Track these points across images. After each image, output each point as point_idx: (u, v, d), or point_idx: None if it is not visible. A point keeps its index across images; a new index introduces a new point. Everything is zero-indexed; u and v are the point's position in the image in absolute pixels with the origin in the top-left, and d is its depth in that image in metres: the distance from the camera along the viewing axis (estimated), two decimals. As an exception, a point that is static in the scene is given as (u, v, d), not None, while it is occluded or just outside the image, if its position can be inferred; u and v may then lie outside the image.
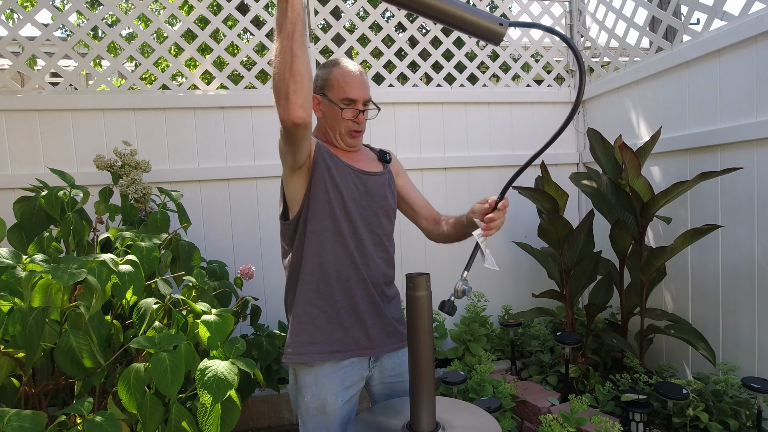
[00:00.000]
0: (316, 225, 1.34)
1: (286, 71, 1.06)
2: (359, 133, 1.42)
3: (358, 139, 1.44)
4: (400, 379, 1.47)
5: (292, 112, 1.08)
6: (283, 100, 1.08)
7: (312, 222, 1.34)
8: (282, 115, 1.10)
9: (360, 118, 1.40)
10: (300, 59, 1.06)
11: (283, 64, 1.06)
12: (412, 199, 1.56)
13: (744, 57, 1.95)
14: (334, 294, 1.36)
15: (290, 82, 1.06)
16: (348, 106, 1.37)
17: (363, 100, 1.39)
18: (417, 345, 1.11)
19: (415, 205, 1.56)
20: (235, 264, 2.56)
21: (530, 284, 2.99)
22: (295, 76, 1.06)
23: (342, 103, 1.36)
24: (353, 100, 1.37)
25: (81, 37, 2.45)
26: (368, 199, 1.41)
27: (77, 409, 1.08)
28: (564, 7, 3.07)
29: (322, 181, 1.34)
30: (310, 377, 1.35)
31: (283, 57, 1.06)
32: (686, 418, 1.86)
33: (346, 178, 1.37)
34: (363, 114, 1.40)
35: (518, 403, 2.23)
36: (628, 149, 2.10)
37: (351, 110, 1.38)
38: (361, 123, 1.41)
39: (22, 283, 1.17)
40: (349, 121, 1.39)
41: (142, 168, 2.00)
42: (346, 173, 1.38)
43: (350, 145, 1.43)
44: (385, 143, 2.79)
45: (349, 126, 1.39)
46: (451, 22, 0.99)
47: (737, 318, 2.05)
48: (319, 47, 2.74)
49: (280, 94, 1.08)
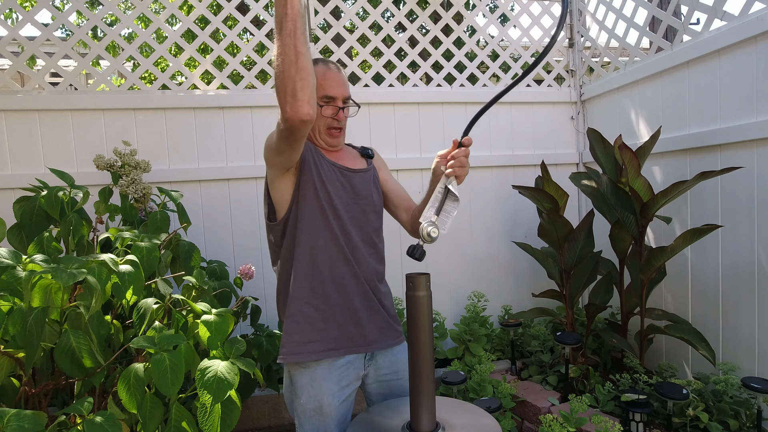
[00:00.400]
0: (306, 223, 1.34)
1: (291, 68, 1.05)
2: (339, 131, 1.42)
3: (339, 138, 1.43)
4: (395, 377, 1.46)
5: (300, 109, 1.08)
6: (290, 98, 1.07)
7: (302, 220, 1.34)
8: (289, 113, 1.09)
9: (340, 116, 1.40)
10: (304, 56, 1.06)
11: (288, 62, 1.05)
12: (392, 191, 1.55)
13: (744, 57, 1.95)
14: (327, 291, 1.36)
15: (297, 79, 1.06)
16: (327, 104, 1.38)
17: (342, 97, 1.39)
18: (417, 345, 1.11)
19: (395, 197, 1.55)
20: (235, 264, 2.56)
21: (530, 284, 2.99)
22: (302, 73, 1.06)
23: (321, 101, 1.36)
24: (332, 97, 1.37)
25: (81, 37, 2.45)
26: (355, 197, 1.41)
27: (77, 409, 1.08)
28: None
29: (311, 180, 1.34)
30: (306, 378, 1.34)
31: (287, 55, 1.05)
32: (686, 418, 1.85)
33: (332, 176, 1.38)
34: (343, 111, 1.40)
35: (518, 403, 2.23)
36: (628, 149, 2.10)
37: (330, 107, 1.38)
38: (340, 120, 1.41)
39: (22, 283, 1.17)
40: (328, 118, 1.39)
41: (142, 168, 2.00)
42: (331, 172, 1.38)
43: (331, 144, 1.43)
44: (386, 143, 2.80)
45: (328, 123, 1.39)
46: None
47: (737, 318, 2.05)
48: (319, 47, 2.74)
49: (286, 92, 1.07)
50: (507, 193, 2.86)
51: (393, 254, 2.78)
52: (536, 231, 2.55)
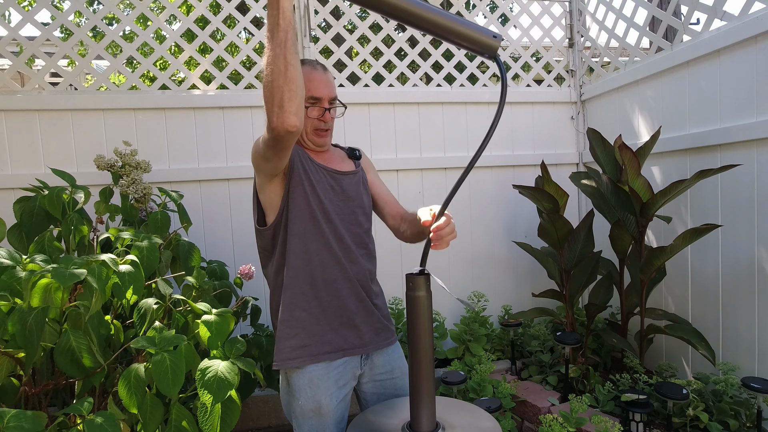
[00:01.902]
0: (297, 228, 1.34)
1: (279, 79, 1.05)
2: (326, 131, 1.41)
3: (325, 138, 1.43)
4: (390, 377, 1.46)
5: (286, 120, 1.08)
6: (277, 109, 1.07)
7: (293, 225, 1.33)
8: (275, 123, 1.09)
9: (326, 117, 1.39)
10: (294, 67, 1.06)
11: (276, 72, 1.05)
12: (378, 195, 1.54)
13: (744, 57, 1.95)
14: (321, 295, 1.36)
15: (285, 90, 1.06)
16: (313, 105, 1.37)
17: (328, 98, 1.38)
18: (417, 345, 1.11)
19: (381, 202, 1.54)
20: (235, 264, 2.57)
21: (530, 284, 2.99)
22: (290, 84, 1.06)
23: (307, 102, 1.35)
24: (318, 98, 1.37)
25: (81, 37, 2.45)
26: (345, 199, 1.41)
27: (77, 409, 1.08)
28: (564, 6, 3.07)
29: (300, 184, 1.33)
30: (304, 380, 1.34)
31: (276, 65, 1.05)
32: (686, 418, 1.86)
33: (321, 179, 1.37)
34: (329, 112, 1.39)
35: (518, 403, 2.23)
36: (628, 149, 2.10)
37: (316, 109, 1.37)
38: (327, 121, 1.40)
39: (22, 282, 1.17)
40: (314, 119, 1.38)
41: (142, 168, 2.00)
42: (321, 175, 1.37)
43: (318, 144, 1.42)
44: (385, 143, 2.81)
45: (314, 125, 1.39)
46: (445, 35, 0.97)
47: (737, 318, 2.05)
48: (319, 47, 2.73)
49: (273, 103, 1.07)
50: (507, 192, 2.86)
51: (393, 254, 2.80)
52: (536, 231, 2.55)
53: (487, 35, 0.98)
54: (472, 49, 0.99)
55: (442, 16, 0.96)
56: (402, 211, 1.51)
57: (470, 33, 0.97)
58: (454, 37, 0.97)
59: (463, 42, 0.98)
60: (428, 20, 0.95)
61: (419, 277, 1.10)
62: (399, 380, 1.46)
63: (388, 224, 1.53)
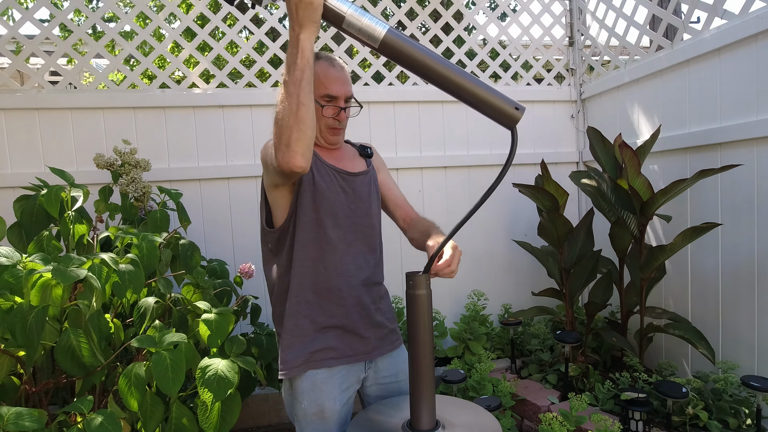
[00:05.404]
0: (304, 235, 1.31)
1: (290, 117, 1.04)
2: (339, 130, 1.38)
3: (339, 136, 1.40)
4: (395, 380, 1.45)
5: (291, 160, 1.06)
6: (283, 147, 1.06)
7: (300, 232, 1.31)
8: (280, 161, 1.07)
9: (341, 116, 1.35)
10: (306, 107, 1.04)
11: (288, 110, 1.04)
12: (389, 196, 1.52)
13: (744, 55, 1.95)
14: (324, 304, 1.33)
15: (294, 130, 1.04)
16: (329, 103, 1.33)
17: (344, 96, 1.34)
18: (417, 344, 1.11)
19: (392, 204, 1.52)
20: (235, 263, 2.56)
21: (530, 283, 2.99)
22: (300, 124, 1.04)
23: (322, 100, 1.32)
24: (334, 96, 1.33)
25: (80, 35, 2.44)
26: (356, 201, 1.38)
27: (77, 408, 1.09)
28: (564, 5, 3.06)
29: (309, 190, 1.31)
30: (307, 383, 1.31)
31: (289, 103, 1.04)
32: (686, 417, 1.86)
33: (332, 182, 1.34)
34: (344, 111, 1.36)
35: (518, 402, 2.23)
36: (628, 148, 2.10)
37: (332, 107, 1.33)
38: (342, 121, 1.36)
39: (22, 281, 1.17)
40: (329, 118, 1.34)
41: (141, 167, 2.00)
42: (331, 177, 1.34)
43: (330, 142, 1.39)
44: (385, 142, 2.80)
45: (329, 123, 1.35)
46: (468, 98, 0.97)
47: (737, 316, 2.05)
48: (319, 46, 2.73)
49: (281, 140, 1.06)
50: (507, 191, 2.86)
51: (393, 253, 2.80)
52: (536, 229, 2.55)
53: (509, 104, 0.97)
54: (491, 115, 0.99)
55: (467, 79, 0.96)
56: (413, 215, 1.49)
57: (494, 100, 0.97)
58: (477, 102, 0.97)
59: (486, 108, 0.98)
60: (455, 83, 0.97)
61: (419, 275, 1.10)
62: (404, 384, 1.43)
63: (399, 225, 1.51)
